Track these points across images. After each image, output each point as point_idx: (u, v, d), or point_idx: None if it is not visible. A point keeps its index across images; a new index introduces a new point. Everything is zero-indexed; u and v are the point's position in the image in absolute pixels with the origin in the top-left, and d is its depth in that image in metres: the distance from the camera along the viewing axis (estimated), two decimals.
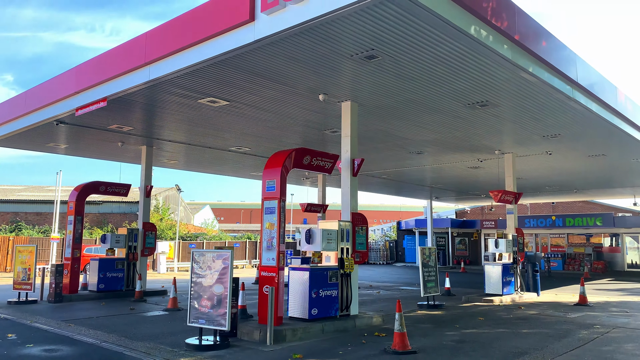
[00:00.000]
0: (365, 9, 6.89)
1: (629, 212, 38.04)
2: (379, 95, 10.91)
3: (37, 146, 16.93)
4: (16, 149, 17.76)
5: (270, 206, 9.65)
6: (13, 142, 16.19)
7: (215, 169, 21.85)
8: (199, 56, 8.84)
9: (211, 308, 8.41)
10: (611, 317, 11.87)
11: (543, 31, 9.51)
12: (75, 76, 11.99)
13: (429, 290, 13.52)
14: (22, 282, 14.04)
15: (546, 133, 14.23)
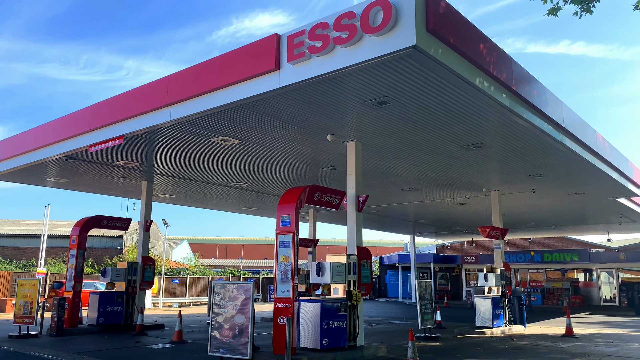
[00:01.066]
0: (386, 62, 7.68)
1: (602, 248, 39.47)
2: (383, 136, 11.70)
3: (37, 180, 17.17)
4: (10, 182, 17.91)
5: (284, 240, 10.18)
6: (15, 176, 16.45)
7: (209, 203, 22.26)
8: (223, 99, 9.51)
9: (232, 337, 8.82)
10: (599, 347, 12.57)
11: (534, 80, 10.49)
12: (90, 114, 12.50)
13: (426, 323, 14.07)
14: (24, 315, 14.08)
15: (532, 172, 15.20)
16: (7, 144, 15.43)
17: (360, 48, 7.65)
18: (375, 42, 7.47)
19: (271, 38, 8.80)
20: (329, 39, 7.92)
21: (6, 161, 15.42)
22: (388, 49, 7.33)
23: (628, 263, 32.46)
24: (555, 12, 11.03)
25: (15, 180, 17.28)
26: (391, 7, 7.26)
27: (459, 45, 7.86)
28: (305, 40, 8.24)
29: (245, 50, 9.32)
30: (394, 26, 7.25)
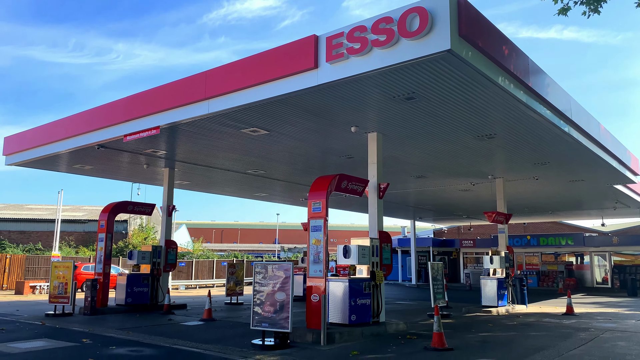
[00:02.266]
0: (420, 62, 8.45)
1: (594, 232, 40.77)
2: (403, 127, 12.49)
3: (64, 167, 17.84)
4: (38, 169, 18.54)
5: (316, 224, 11.02)
6: (43, 163, 17.10)
7: (223, 189, 23.01)
8: (262, 95, 10.24)
9: (274, 313, 9.67)
10: (599, 323, 13.60)
11: (546, 76, 11.30)
12: (125, 105, 13.18)
13: (438, 302, 15.02)
14: (59, 295, 14.87)
15: (538, 161, 16.09)
16: (35, 133, 16.06)
17: (397, 50, 8.41)
18: (412, 45, 8.24)
19: (309, 39, 9.53)
20: (367, 42, 8.67)
21: (35, 149, 16.04)
22: (424, 52, 8.10)
23: (621, 247, 33.70)
24: (565, 12, 11.88)
25: (40, 167, 17.93)
26: (427, 14, 8.01)
27: (486, 47, 8.65)
28: (344, 42, 8.98)
29: (283, 49, 10.03)
30: (429, 31, 8.02)
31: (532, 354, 8.91)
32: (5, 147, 17.22)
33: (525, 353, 9.05)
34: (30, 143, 16.12)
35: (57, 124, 15.27)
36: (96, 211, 49.41)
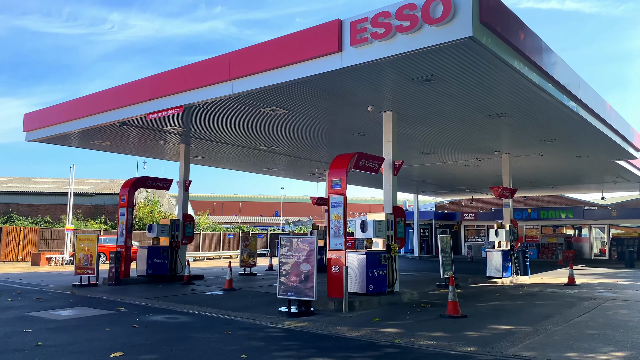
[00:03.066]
0: (442, 47, 8.90)
1: (594, 206, 41.62)
2: (418, 107, 12.97)
3: (83, 144, 18.31)
4: (58, 145, 19.00)
5: (336, 200, 11.60)
6: (63, 140, 17.56)
7: (234, 165, 23.53)
8: (286, 77, 10.69)
9: (299, 283, 10.33)
10: (601, 293, 14.34)
11: (558, 58, 11.72)
12: (149, 85, 13.60)
13: (446, 273, 15.75)
14: (84, 267, 15.54)
15: (544, 138, 16.61)
16: (56, 110, 16.47)
17: (420, 36, 8.85)
18: (434, 31, 8.67)
19: (333, 23, 9.93)
20: (391, 27, 9.09)
21: (56, 126, 16.49)
22: (446, 38, 8.54)
23: (619, 220, 34.46)
24: None
25: (59, 143, 18.39)
26: (450, 2, 8.43)
27: (504, 33, 9.08)
28: (368, 27, 9.40)
29: (306, 33, 10.44)
30: (452, 18, 8.44)
31: (541, 321, 9.61)
32: (26, 124, 17.65)
33: (535, 320, 9.74)
34: (52, 120, 16.55)
35: (79, 102, 15.68)
36: (101, 184, 50.00)
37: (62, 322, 9.23)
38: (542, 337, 8.08)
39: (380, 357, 6.82)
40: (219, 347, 7.29)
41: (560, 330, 8.69)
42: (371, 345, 7.60)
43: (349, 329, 8.81)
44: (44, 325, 8.84)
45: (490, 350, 7.21)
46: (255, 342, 7.69)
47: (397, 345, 7.58)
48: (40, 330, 8.37)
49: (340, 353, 7.01)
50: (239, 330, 8.69)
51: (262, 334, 8.37)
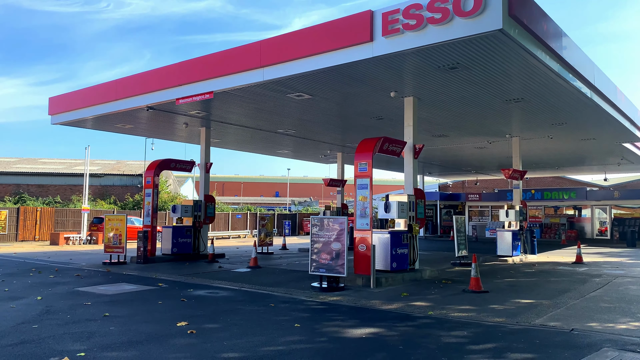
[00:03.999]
0: (471, 38, 9.40)
1: (595, 187, 42.31)
2: (438, 92, 13.48)
3: (106, 126, 18.82)
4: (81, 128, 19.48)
5: (362, 182, 12.19)
6: (89, 123, 18.05)
7: (249, 146, 24.06)
8: (317, 65, 11.18)
9: (330, 260, 10.99)
10: (609, 270, 15.06)
11: (576, 47, 12.21)
12: (178, 71, 14.07)
13: (461, 252, 16.45)
14: (114, 246, 16.20)
15: (555, 122, 17.14)
16: (82, 94, 16.94)
17: (451, 27, 9.33)
18: (465, 23, 9.16)
19: (365, 14, 10.40)
20: (422, 19, 9.57)
21: (83, 110, 16.97)
22: (477, 30, 9.04)
23: (621, 200, 35.18)
24: None
25: (83, 126, 18.89)
26: None
27: (530, 25, 9.57)
28: (400, 18, 9.87)
29: (337, 23, 10.90)
30: (483, 11, 8.93)
31: (558, 296, 10.29)
32: (51, 107, 18.13)
33: (553, 295, 10.43)
34: (78, 104, 17.03)
35: (106, 86, 16.15)
36: (108, 165, 50.51)
37: (114, 297, 9.88)
38: (563, 310, 8.76)
39: (420, 327, 7.49)
40: (270, 318, 7.95)
41: (578, 304, 9.38)
42: (407, 316, 8.27)
43: (382, 302, 9.48)
44: (98, 299, 9.50)
45: (518, 320, 7.88)
46: (300, 314, 8.35)
47: (431, 316, 8.26)
48: (98, 303, 9.03)
49: (383, 323, 7.67)
50: (281, 303, 9.36)
51: (303, 307, 9.04)
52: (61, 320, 7.50)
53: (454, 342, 6.52)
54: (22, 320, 7.44)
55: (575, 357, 5.75)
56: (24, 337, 6.42)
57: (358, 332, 7.06)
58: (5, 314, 7.96)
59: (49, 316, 7.81)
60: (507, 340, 6.65)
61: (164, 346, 6.07)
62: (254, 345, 6.21)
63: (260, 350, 5.98)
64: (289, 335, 6.84)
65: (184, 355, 5.73)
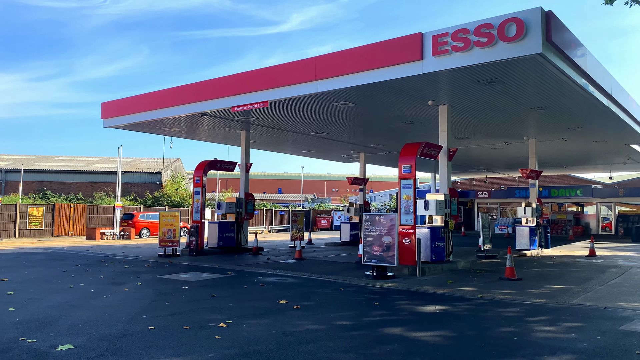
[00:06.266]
0: (512, 60, 10.87)
1: (600, 184, 43.92)
2: (471, 101, 14.96)
3: (155, 130, 20.29)
4: (137, 132, 20.94)
5: (406, 183, 13.69)
6: (141, 127, 19.54)
7: (279, 147, 25.53)
8: (369, 79, 12.65)
9: (382, 252, 12.48)
10: (622, 262, 16.58)
11: (597, 63, 13.69)
12: (235, 81, 15.53)
13: (486, 245, 17.96)
14: (168, 239, 17.69)
15: (571, 126, 18.64)
16: (137, 100, 18.39)
17: (495, 50, 10.80)
18: (508, 47, 10.63)
19: (416, 36, 11.86)
20: (470, 42, 11.04)
21: (137, 114, 18.42)
22: (518, 53, 10.51)
23: (626, 198, 36.75)
24: (611, 2, 14.29)
25: (134, 130, 20.35)
26: (523, 23, 10.37)
27: (563, 47, 11.05)
28: (449, 41, 11.34)
29: (390, 43, 12.37)
30: (524, 37, 10.40)
31: (584, 282, 11.81)
32: (104, 112, 19.58)
33: (579, 282, 11.95)
34: (132, 109, 18.47)
35: (162, 94, 17.61)
36: (125, 163, 51.87)
37: (201, 282, 11.37)
38: (592, 294, 10.28)
39: (478, 305, 8.99)
40: (349, 298, 9.46)
41: (603, 289, 10.89)
42: (462, 298, 9.77)
43: (433, 287, 10.98)
44: (190, 284, 10.99)
45: (557, 301, 9.39)
46: (370, 295, 9.85)
47: (482, 298, 9.76)
48: (194, 287, 10.52)
49: (445, 303, 9.17)
50: (346, 287, 10.86)
51: (367, 290, 10.53)
52: (180, 300, 8.99)
53: (512, 315, 8.02)
54: (151, 300, 8.94)
55: (615, 325, 7.25)
56: (169, 311, 7.90)
57: (430, 308, 8.57)
58: (129, 295, 9.45)
59: (167, 297, 9.30)
60: (555, 314, 8.15)
61: (286, 316, 7.57)
62: (355, 316, 7.71)
63: (362, 320, 7.47)
64: (375, 310, 8.35)
65: (307, 322, 7.23)
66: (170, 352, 5.57)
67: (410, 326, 7.14)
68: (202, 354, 5.51)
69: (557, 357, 5.63)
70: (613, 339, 6.43)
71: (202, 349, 5.69)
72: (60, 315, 7.46)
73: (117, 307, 8.21)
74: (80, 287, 10.37)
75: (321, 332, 6.68)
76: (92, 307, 8.14)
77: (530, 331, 6.92)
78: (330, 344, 6.05)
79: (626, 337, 6.54)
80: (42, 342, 5.87)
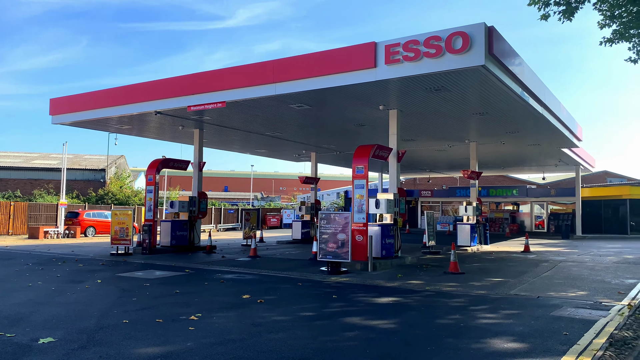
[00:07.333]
0: (458, 70, 11.77)
1: (534, 184, 46.74)
2: (419, 106, 15.87)
3: (105, 127, 20.07)
4: (83, 129, 20.59)
5: (359, 183, 14.40)
6: (91, 124, 19.29)
7: (231, 146, 25.74)
8: (325, 84, 13.25)
9: (337, 248, 13.13)
10: (553, 257, 18.03)
11: (534, 74, 14.90)
12: (191, 81, 15.73)
13: (431, 242, 19.01)
14: (120, 238, 17.63)
15: (509, 130, 20.02)
16: (87, 97, 18.18)
17: (442, 61, 11.66)
18: (454, 58, 11.51)
19: (370, 45, 12.57)
20: (420, 52, 11.85)
21: (87, 112, 18.21)
22: (464, 65, 11.41)
23: (557, 197, 39.37)
24: (546, 18, 15.61)
25: (84, 127, 20.04)
26: (468, 37, 11.27)
27: (503, 60, 12.06)
28: (400, 50, 12.11)
29: (346, 50, 13.02)
30: (469, 50, 11.30)
31: (519, 275, 12.92)
32: (52, 108, 19.19)
33: (515, 275, 13.05)
34: (84, 106, 18.24)
35: (116, 92, 17.52)
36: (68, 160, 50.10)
37: (161, 280, 11.60)
38: (527, 285, 11.33)
39: (426, 296, 9.78)
40: (308, 292, 10.02)
41: (536, 281, 11.99)
42: (411, 290, 10.55)
43: (385, 281, 11.73)
44: (151, 282, 11.21)
45: (497, 292, 10.33)
46: (327, 289, 10.46)
47: (430, 290, 10.57)
48: (156, 284, 10.77)
49: (397, 295, 9.90)
50: (304, 283, 11.43)
51: (324, 285, 11.14)
52: (146, 296, 9.26)
53: (458, 305, 8.84)
54: (117, 296, 9.15)
55: (546, 312, 8.19)
56: (138, 306, 8.18)
57: (384, 300, 9.27)
58: (93, 292, 9.61)
59: (131, 293, 9.53)
60: (495, 303, 9.05)
61: (252, 309, 8.04)
62: (316, 308, 8.29)
63: (324, 311, 8.06)
64: (335, 302, 8.96)
65: (273, 314, 7.73)
66: (151, 342, 5.94)
67: (368, 315, 7.79)
68: (181, 343, 5.91)
69: (498, 338, 6.42)
70: (545, 323, 7.32)
71: (180, 339, 6.09)
72: (30, 312, 7.60)
73: (85, 303, 8.40)
74: (40, 286, 10.39)
75: (288, 322, 7.20)
76: (59, 304, 8.30)
77: (475, 318, 7.73)
78: (298, 332, 6.59)
79: (556, 321, 7.45)
80: (22, 336, 6.09)
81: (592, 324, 7.24)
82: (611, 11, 15.97)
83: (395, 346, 6.05)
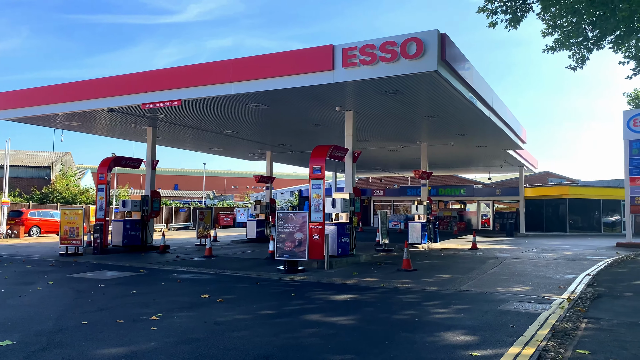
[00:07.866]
0: (412, 74, 12.19)
1: (480, 184, 48.43)
2: (374, 108, 16.26)
3: (52, 123, 19.42)
4: (28, 124, 19.83)
5: (316, 183, 14.64)
6: (39, 120, 18.63)
7: (184, 144, 25.41)
8: (283, 84, 13.39)
9: (294, 247, 13.32)
10: (498, 254, 18.88)
11: (483, 80, 15.57)
12: (147, 78, 15.50)
13: (384, 240, 19.49)
14: (70, 238, 17.15)
15: (458, 132, 20.79)
16: (36, 93, 17.56)
17: (397, 65, 12.04)
18: (409, 63, 11.92)
19: (328, 47, 12.81)
20: (375, 56, 12.19)
21: (35, 108, 17.59)
22: (417, 69, 11.84)
23: (502, 197, 41.01)
24: (494, 25, 16.33)
25: (31, 123, 19.32)
26: (422, 43, 11.70)
27: (454, 65, 12.58)
28: (357, 54, 12.41)
29: (305, 52, 13.23)
30: (422, 55, 11.73)
31: (468, 272, 13.51)
32: None
33: (464, 271, 13.64)
34: (31, 102, 17.61)
35: (65, 87, 17.01)
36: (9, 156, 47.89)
37: (115, 280, 11.44)
38: (475, 281, 11.89)
39: (382, 293, 10.12)
40: (267, 291, 10.16)
41: (484, 277, 12.59)
42: (367, 287, 10.87)
43: (341, 279, 12.02)
44: (106, 282, 11.03)
45: (448, 288, 10.80)
46: (285, 288, 10.63)
47: (385, 287, 10.93)
48: (111, 285, 10.62)
49: (353, 292, 10.19)
50: (262, 282, 11.55)
51: (282, 283, 11.30)
52: (102, 297, 9.14)
53: (412, 301, 9.22)
54: (72, 297, 8.99)
55: (494, 306, 8.68)
56: (96, 307, 8.08)
57: (341, 297, 9.54)
58: (47, 294, 9.39)
59: (87, 294, 9.38)
60: (447, 298, 9.49)
61: (212, 309, 8.11)
62: (276, 306, 8.45)
63: (283, 309, 8.23)
64: (294, 300, 9.15)
65: (233, 312, 7.83)
66: (113, 342, 5.94)
67: (327, 312, 8.03)
68: (145, 343, 5.95)
69: (451, 332, 6.79)
70: (493, 317, 7.78)
71: (143, 339, 6.11)
72: None
73: (39, 305, 8.23)
74: None
75: (249, 320, 7.34)
76: (11, 307, 8.10)
77: (428, 313, 8.11)
78: (260, 330, 6.74)
79: (503, 315, 7.93)
80: None
81: (536, 317, 7.75)
82: (553, 21, 16.93)
83: (355, 341, 6.30)
